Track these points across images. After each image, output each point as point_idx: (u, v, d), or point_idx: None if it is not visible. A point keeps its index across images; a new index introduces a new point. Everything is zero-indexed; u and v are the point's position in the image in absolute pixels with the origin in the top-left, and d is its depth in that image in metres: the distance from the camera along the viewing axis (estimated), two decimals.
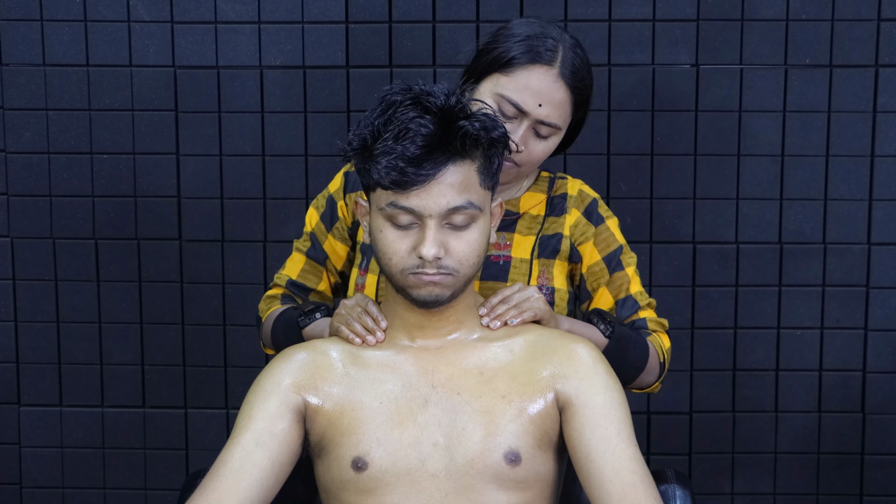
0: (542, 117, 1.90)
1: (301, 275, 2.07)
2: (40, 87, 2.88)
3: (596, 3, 2.81)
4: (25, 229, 2.93)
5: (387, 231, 1.64)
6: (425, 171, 1.59)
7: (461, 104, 1.62)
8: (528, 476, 1.66)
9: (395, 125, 1.59)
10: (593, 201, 2.05)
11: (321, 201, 2.07)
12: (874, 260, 2.88)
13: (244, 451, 1.64)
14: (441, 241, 1.62)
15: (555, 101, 1.90)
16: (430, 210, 1.61)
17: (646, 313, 2.03)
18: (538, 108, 1.89)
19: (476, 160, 1.64)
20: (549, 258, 2.00)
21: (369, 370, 1.71)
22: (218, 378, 2.97)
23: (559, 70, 1.90)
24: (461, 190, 1.61)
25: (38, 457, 3.01)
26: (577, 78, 1.93)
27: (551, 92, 1.90)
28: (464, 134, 1.60)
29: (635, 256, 2.07)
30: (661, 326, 2.04)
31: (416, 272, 1.64)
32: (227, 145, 2.89)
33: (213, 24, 2.85)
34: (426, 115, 1.59)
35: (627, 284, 2.03)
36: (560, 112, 1.92)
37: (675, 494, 1.87)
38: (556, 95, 1.90)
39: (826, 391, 2.92)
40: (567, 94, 1.92)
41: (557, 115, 1.91)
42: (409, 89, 1.63)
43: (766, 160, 2.85)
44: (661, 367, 2.00)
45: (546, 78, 1.89)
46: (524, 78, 1.89)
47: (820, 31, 2.81)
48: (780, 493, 2.96)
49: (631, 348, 1.94)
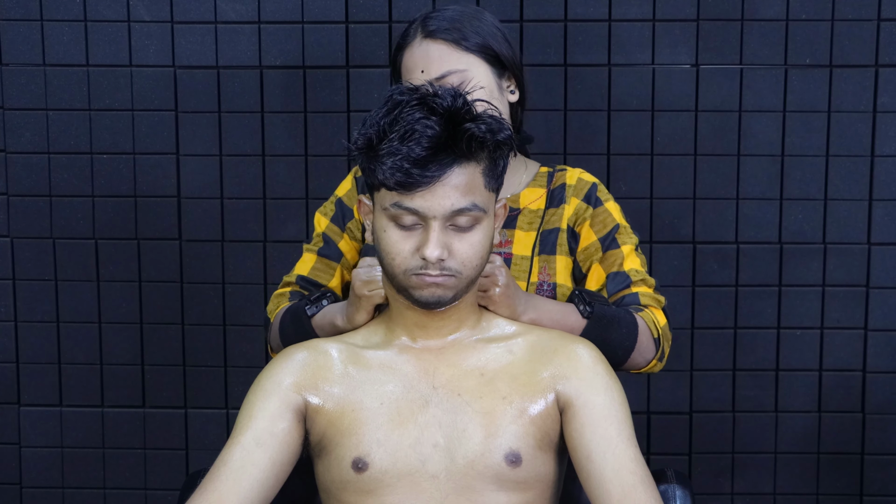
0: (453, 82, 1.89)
1: (312, 272, 2.03)
2: (40, 87, 2.88)
3: (596, 3, 2.81)
4: (25, 229, 2.93)
5: (390, 231, 1.64)
6: (430, 173, 1.58)
7: (468, 106, 1.62)
8: (529, 477, 1.66)
9: (400, 126, 1.59)
10: (592, 186, 2.03)
11: (329, 206, 2.06)
12: (874, 260, 2.88)
13: (244, 451, 1.64)
14: (444, 243, 1.62)
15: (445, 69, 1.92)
16: (434, 211, 1.60)
17: (639, 289, 1.97)
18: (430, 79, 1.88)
19: (481, 162, 1.63)
20: (549, 254, 1.99)
21: (370, 370, 1.71)
22: (218, 378, 2.97)
23: (423, 35, 1.94)
24: (466, 192, 1.61)
25: (38, 457, 3.01)
26: (453, 31, 1.93)
27: (444, 63, 1.92)
28: (469, 136, 1.59)
29: (636, 238, 2.01)
30: (655, 302, 1.97)
31: (418, 273, 1.63)
32: (227, 145, 2.89)
33: (213, 24, 2.85)
34: (432, 117, 1.59)
35: (621, 261, 1.97)
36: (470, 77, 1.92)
37: (675, 494, 1.86)
38: (444, 63, 1.92)
39: (826, 391, 2.92)
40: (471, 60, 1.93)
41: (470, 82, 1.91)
42: (415, 89, 1.63)
43: (766, 160, 2.85)
44: (657, 344, 1.93)
45: (443, 51, 1.92)
46: (418, 58, 1.93)
47: (820, 31, 2.81)
48: (780, 493, 2.96)
49: (616, 327, 1.87)
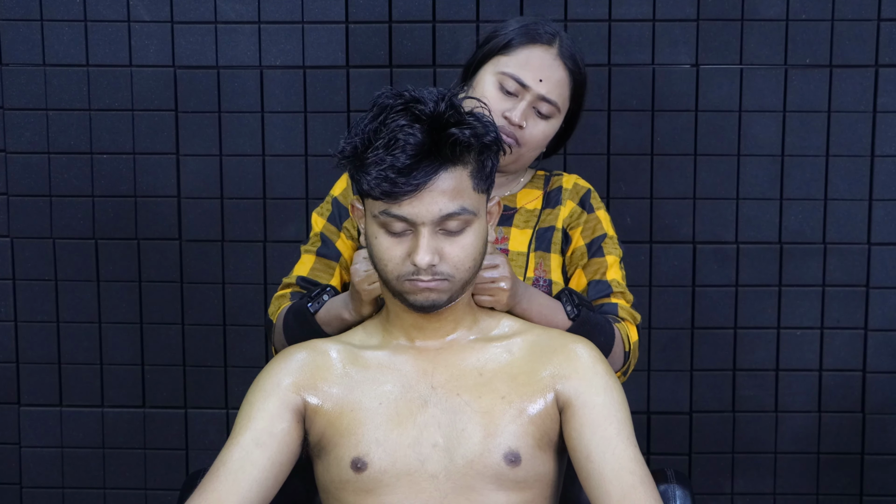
0: (543, 93, 1.97)
1: (312, 272, 2.03)
2: (40, 87, 2.88)
3: (596, 3, 2.81)
4: (25, 229, 2.93)
5: (381, 238, 1.64)
6: (416, 181, 1.58)
7: (452, 109, 1.61)
8: (528, 476, 1.66)
9: (384, 134, 1.59)
10: (587, 192, 2.08)
11: (325, 206, 2.07)
12: (874, 260, 2.87)
13: (244, 451, 1.64)
14: (435, 248, 1.62)
15: (554, 78, 1.98)
16: (422, 218, 1.60)
17: (618, 300, 2.01)
18: (539, 83, 1.96)
19: (468, 165, 1.63)
20: (545, 251, 2.01)
21: (369, 371, 1.71)
22: (218, 378, 2.97)
23: (558, 51, 2.00)
24: (454, 196, 1.61)
25: (38, 457, 3.01)
26: (575, 63, 2.02)
27: (551, 69, 1.98)
28: (454, 142, 1.59)
29: (621, 251, 2.06)
30: (632, 318, 2.01)
31: (411, 279, 1.63)
32: (227, 145, 2.89)
33: (213, 24, 2.85)
34: (415, 124, 1.58)
35: (605, 269, 2.02)
36: (559, 91, 1.99)
37: (675, 494, 1.87)
38: (556, 73, 1.99)
39: (826, 391, 2.92)
40: (566, 74, 2.00)
41: (557, 93, 1.99)
42: (399, 94, 1.62)
43: (766, 160, 2.85)
44: (626, 358, 1.97)
45: (546, 56, 1.98)
46: (525, 55, 1.98)
47: (820, 31, 2.81)
48: (780, 493, 2.95)
49: (596, 334, 1.89)
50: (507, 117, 1.95)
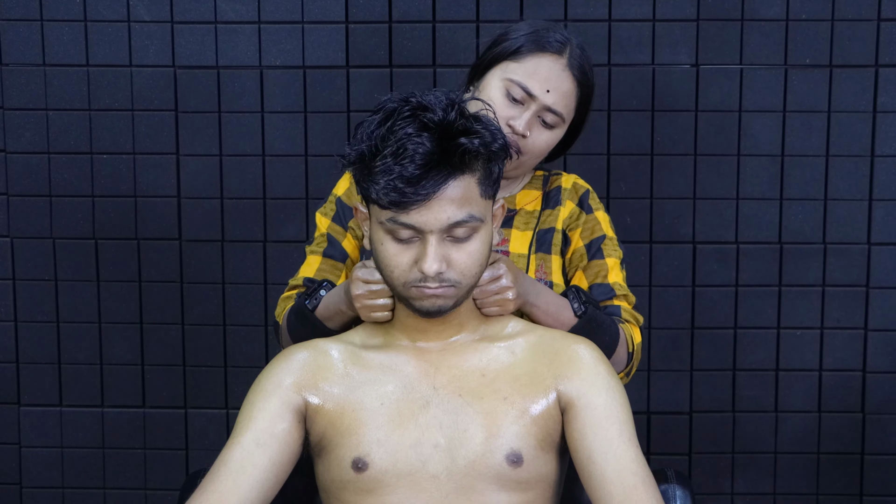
0: (550, 104, 1.94)
1: (318, 273, 2.02)
2: (40, 87, 2.88)
3: (596, 3, 2.81)
4: (25, 229, 2.93)
5: (388, 245, 1.63)
6: (425, 191, 1.57)
7: (461, 118, 1.59)
8: (530, 477, 1.66)
9: (393, 141, 1.57)
10: (586, 192, 2.08)
11: (329, 206, 2.06)
12: (874, 260, 2.88)
13: (244, 451, 1.64)
14: (442, 255, 1.61)
15: (562, 89, 1.95)
16: (430, 226, 1.59)
17: (621, 303, 2.01)
18: (546, 93, 1.94)
19: (476, 172, 1.62)
20: (546, 252, 2.01)
21: (370, 371, 1.71)
22: (218, 378, 2.97)
23: (567, 61, 1.96)
24: (462, 204, 1.60)
25: (38, 457, 3.01)
26: (584, 74, 1.98)
27: (559, 80, 1.95)
28: (463, 151, 1.58)
29: (621, 252, 2.05)
30: (634, 319, 2.01)
31: (418, 285, 1.63)
32: (227, 145, 2.89)
33: (213, 24, 2.85)
34: (424, 132, 1.57)
35: (605, 272, 2.01)
36: (566, 102, 1.97)
37: (675, 494, 1.87)
38: (564, 84, 1.96)
39: (826, 391, 2.92)
40: (574, 85, 1.97)
41: (564, 104, 1.96)
42: (406, 100, 1.60)
43: (766, 160, 2.85)
44: (629, 359, 1.97)
45: (555, 66, 1.95)
46: (534, 64, 1.95)
47: (820, 31, 2.81)
48: (780, 493, 2.96)
49: (601, 333, 1.90)
50: (511, 125, 1.93)
